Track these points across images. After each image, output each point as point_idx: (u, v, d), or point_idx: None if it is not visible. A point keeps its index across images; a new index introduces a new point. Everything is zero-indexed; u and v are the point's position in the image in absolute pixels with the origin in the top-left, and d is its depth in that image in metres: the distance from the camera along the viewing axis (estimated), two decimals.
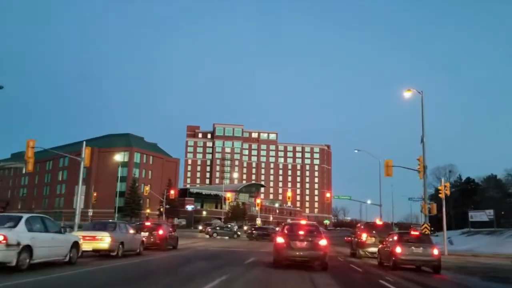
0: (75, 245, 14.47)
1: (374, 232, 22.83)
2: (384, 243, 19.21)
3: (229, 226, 69.95)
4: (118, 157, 77.58)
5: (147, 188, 63.13)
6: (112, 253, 16.96)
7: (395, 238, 17.94)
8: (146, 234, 22.71)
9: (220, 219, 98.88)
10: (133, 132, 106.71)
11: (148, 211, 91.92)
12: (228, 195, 69.47)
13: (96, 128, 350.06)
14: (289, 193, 69.82)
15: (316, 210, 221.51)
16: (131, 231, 19.47)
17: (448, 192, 36.59)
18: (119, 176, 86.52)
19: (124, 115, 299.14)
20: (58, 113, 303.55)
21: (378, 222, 26.29)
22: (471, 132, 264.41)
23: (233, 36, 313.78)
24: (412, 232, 19.57)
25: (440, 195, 33.77)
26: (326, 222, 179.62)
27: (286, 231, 16.15)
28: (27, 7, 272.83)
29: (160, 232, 23.26)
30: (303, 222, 18.40)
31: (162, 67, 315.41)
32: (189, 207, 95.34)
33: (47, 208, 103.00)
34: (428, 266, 17.07)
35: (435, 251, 16.78)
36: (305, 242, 15.07)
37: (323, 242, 15.24)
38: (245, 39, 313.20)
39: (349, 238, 30.08)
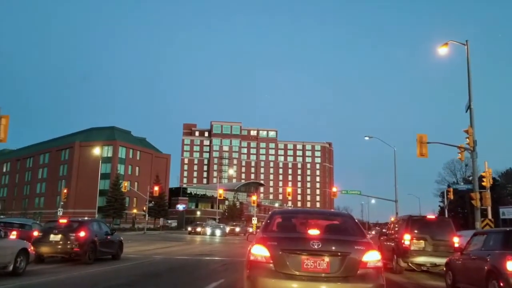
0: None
1: (420, 231, 14.30)
2: (462, 249, 10.99)
3: (221, 226, 63.68)
4: (100, 151, 69.23)
5: (126, 184, 55.17)
6: None
7: (499, 237, 9.24)
8: (58, 237, 14.85)
9: (214, 219, 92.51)
10: (133, 131, 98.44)
11: (135, 211, 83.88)
12: (220, 191, 61.72)
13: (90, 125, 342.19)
14: (289, 189, 62.69)
15: None
16: None
17: (491, 181, 29.22)
18: (100, 172, 78.17)
19: (120, 112, 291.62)
20: (54, 110, 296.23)
21: (430, 216, 16.44)
22: (487, 123, 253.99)
23: (232, 34, 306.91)
24: None
25: (483, 183, 26.34)
26: None
27: (275, 230, 6.70)
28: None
29: (82, 234, 14.91)
30: (318, 209, 7.30)
31: (160, 66, 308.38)
32: (180, 207, 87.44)
33: (27, 209, 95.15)
34: None
35: None
36: (327, 259, 5.70)
37: (373, 257, 5.84)
38: (244, 37, 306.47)
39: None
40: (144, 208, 63.49)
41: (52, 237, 14.87)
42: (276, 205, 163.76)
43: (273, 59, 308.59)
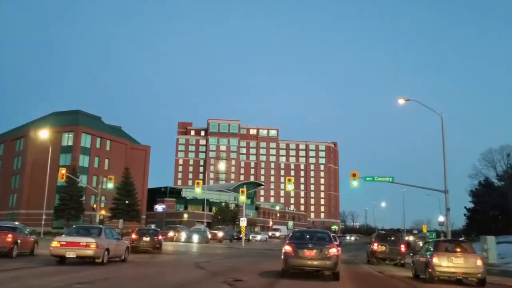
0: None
1: (382, 241, 25.78)
2: (419, 251, 19.53)
3: (202, 230, 50.07)
4: (50, 136, 54.17)
5: (63, 171, 39.96)
6: (97, 260, 16.79)
7: (433, 244, 17.40)
8: (148, 239, 27.80)
9: (202, 222, 78.06)
10: (127, 130, 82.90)
11: (103, 212, 68.50)
12: (198, 189, 46.96)
13: None
14: (290, 185, 47.62)
15: (322, 214, 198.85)
16: (117, 237, 19.53)
17: None
18: (59, 165, 63.55)
19: (111, 110, 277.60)
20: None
21: (389, 232, 33.91)
22: None
23: (229, 27, 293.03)
24: None
25: None
26: (334, 227, 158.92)
27: (294, 239, 15.87)
28: None
29: (160, 237, 28.94)
30: (314, 229, 26.57)
31: (156, 63, 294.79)
32: (159, 208, 71.99)
33: None
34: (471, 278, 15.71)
35: (479, 262, 15.31)
36: (314, 251, 14.49)
37: (333, 250, 14.56)
38: (242, 30, 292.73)
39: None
40: (95, 206, 48.62)
41: (144, 238, 28.06)
42: (277, 208, 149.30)
43: (274, 54, 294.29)
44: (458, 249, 15.76)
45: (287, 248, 14.47)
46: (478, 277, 15.08)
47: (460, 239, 25.79)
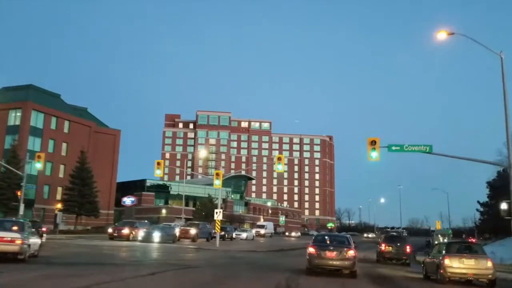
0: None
1: (389, 242, 27.68)
2: (429, 253, 19.40)
3: (171, 226, 39.41)
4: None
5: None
6: (20, 257, 15.26)
7: (444, 246, 17.64)
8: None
9: (180, 218, 68.29)
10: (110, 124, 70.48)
11: (58, 206, 57.38)
12: (158, 171, 36.24)
13: None
14: (279, 166, 37.15)
15: (317, 211, 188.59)
16: (32, 231, 18.22)
17: None
18: (3, 148, 52.26)
19: (95, 102, 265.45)
20: None
21: (395, 234, 37.81)
22: None
23: (221, 20, 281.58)
24: None
25: None
26: (330, 225, 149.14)
27: (317, 241, 17.62)
28: None
29: (44, 229, 28.57)
30: (334, 233, 27.67)
31: (145, 56, 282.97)
32: (127, 201, 61.27)
33: None
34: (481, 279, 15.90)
35: (489, 263, 15.58)
36: (335, 252, 16.21)
37: (351, 252, 16.28)
38: (234, 23, 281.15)
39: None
40: (19, 194, 37.38)
41: None
42: (269, 204, 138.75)
43: (266, 46, 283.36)
44: (469, 251, 16.45)
45: (311, 249, 16.63)
46: (488, 278, 15.42)
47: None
